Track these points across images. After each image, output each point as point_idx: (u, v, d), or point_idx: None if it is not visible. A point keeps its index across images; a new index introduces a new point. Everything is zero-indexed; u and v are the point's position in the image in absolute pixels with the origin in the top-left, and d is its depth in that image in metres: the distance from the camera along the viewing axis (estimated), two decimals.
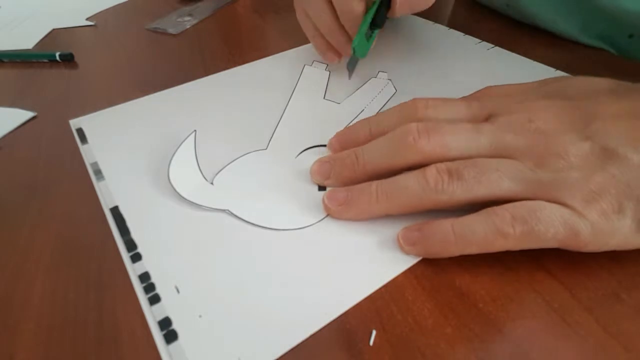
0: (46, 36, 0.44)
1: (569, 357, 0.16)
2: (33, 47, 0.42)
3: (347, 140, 0.25)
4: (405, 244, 0.20)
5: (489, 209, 0.19)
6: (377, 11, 0.29)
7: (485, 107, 0.23)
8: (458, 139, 0.21)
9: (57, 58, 0.39)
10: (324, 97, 0.31)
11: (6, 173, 0.27)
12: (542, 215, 0.18)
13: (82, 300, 0.19)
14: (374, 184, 0.21)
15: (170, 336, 0.18)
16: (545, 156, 0.19)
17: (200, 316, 0.18)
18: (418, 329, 0.17)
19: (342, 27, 0.30)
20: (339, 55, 0.32)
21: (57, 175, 0.26)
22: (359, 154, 0.23)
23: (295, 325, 0.18)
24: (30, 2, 0.52)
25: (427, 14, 0.41)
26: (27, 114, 0.32)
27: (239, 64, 0.36)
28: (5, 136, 0.30)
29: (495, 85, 0.25)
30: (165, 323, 0.18)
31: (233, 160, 0.26)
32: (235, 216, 0.22)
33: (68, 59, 0.39)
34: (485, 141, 0.21)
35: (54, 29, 0.45)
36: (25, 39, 0.43)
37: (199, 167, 0.25)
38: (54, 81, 0.36)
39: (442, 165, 0.20)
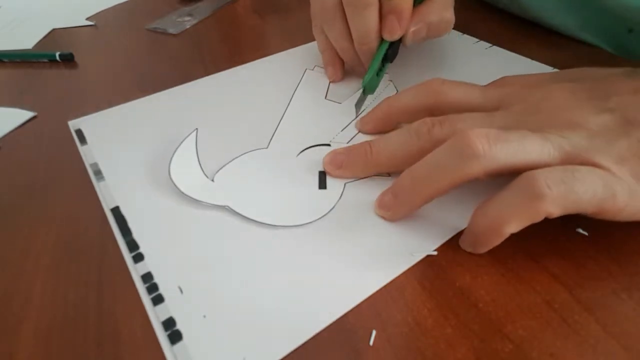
0: (46, 36, 0.44)
1: (569, 357, 0.16)
2: (33, 47, 0.42)
3: (367, 117, 0.27)
4: (468, 249, 0.20)
5: (518, 177, 0.18)
6: (390, 45, 0.29)
7: (500, 93, 0.23)
8: (469, 124, 0.21)
9: (57, 58, 0.39)
10: (325, 98, 0.31)
11: (6, 173, 0.27)
12: (579, 175, 0.17)
13: (82, 300, 0.19)
14: (405, 175, 0.21)
15: (175, 336, 0.18)
16: (566, 126, 0.19)
17: (204, 316, 0.18)
18: (418, 329, 0.17)
19: None
20: (339, 76, 0.32)
21: (57, 175, 0.26)
22: (373, 144, 0.23)
23: (299, 324, 0.18)
24: (30, 2, 0.52)
25: None
26: (27, 114, 0.32)
27: (239, 64, 0.36)
28: (5, 136, 0.30)
29: (510, 76, 0.25)
30: (169, 323, 0.18)
31: (234, 159, 0.26)
32: (235, 212, 0.22)
33: (68, 59, 0.39)
34: (498, 124, 0.20)
35: (54, 29, 0.45)
36: (25, 39, 0.43)
37: (199, 164, 0.25)
38: (54, 81, 0.36)
39: (479, 130, 0.19)
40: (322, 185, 0.24)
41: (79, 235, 0.22)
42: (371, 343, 0.17)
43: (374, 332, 0.17)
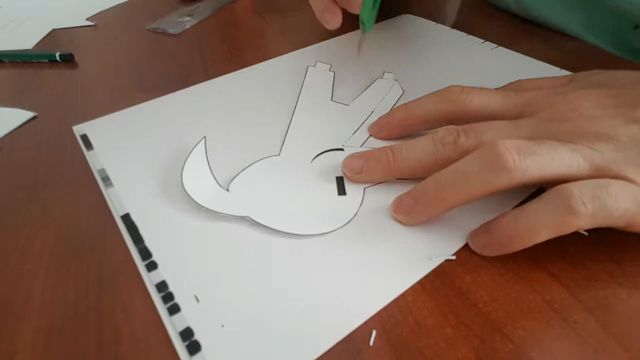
0: (46, 36, 0.44)
1: (569, 357, 0.16)
2: (33, 47, 0.42)
3: (382, 124, 0.26)
4: (477, 249, 0.20)
5: (552, 190, 0.18)
6: None
7: (523, 97, 0.23)
8: (496, 134, 0.20)
9: (57, 58, 0.39)
10: (331, 99, 0.31)
11: (6, 173, 0.27)
12: (611, 191, 0.17)
13: (82, 300, 0.19)
14: (430, 180, 0.20)
15: (194, 347, 0.17)
16: (596, 138, 0.19)
17: (222, 326, 0.18)
18: (418, 329, 0.17)
19: None
20: (338, 21, 0.30)
21: (57, 175, 0.26)
22: (396, 151, 0.23)
23: (320, 333, 0.17)
24: (30, 2, 0.52)
25: (430, 14, 0.41)
26: (27, 114, 0.32)
27: (239, 64, 0.35)
28: (5, 136, 0.30)
29: (525, 79, 0.25)
30: (187, 334, 0.17)
31: (246, 167, 0.25)
32: (256, 222, 0.22)
33: (68, 59, 0.39)
34: (525, 133, 0.20)
35: (54, 29, 0.45)
36: (25, 39, 0.43)
37: (212, 174, 0.24)
38: (54, 81, 0.36)
39: (509, 142, 0.18)
40: (342, 191, 0.23)
41: (79, 235, 0.22)
42: (371, 343, 0.17)
43: (374, 332, 0.17)
